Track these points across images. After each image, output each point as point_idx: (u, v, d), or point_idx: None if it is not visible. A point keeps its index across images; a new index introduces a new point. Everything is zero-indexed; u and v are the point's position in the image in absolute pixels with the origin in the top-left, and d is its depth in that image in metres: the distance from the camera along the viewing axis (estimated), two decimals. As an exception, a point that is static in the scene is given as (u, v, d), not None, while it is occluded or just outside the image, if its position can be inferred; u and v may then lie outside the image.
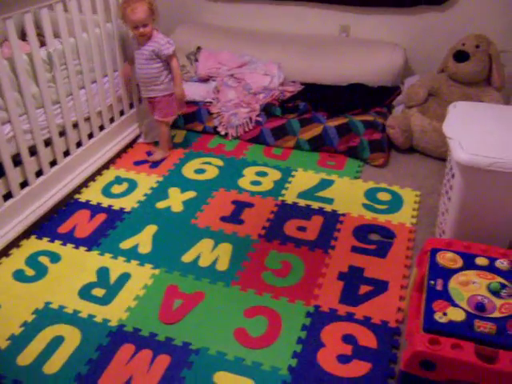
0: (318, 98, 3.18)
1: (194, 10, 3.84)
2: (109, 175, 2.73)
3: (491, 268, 1.60)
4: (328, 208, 2.49)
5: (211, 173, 2.76)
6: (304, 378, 1.69)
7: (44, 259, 2.17)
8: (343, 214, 2.44)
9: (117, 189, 2.63)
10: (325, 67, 3.38)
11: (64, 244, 2.25)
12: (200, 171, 2.77)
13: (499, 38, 3.00)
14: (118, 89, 2.82)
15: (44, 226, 2.36)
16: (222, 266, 2.14)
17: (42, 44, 2.34)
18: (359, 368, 1.72)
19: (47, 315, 1.91)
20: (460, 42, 2.89)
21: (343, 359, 1.74)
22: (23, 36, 2.71)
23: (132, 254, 2.20)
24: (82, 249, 2.23)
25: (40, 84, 2.24)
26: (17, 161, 2.22)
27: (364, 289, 2.03)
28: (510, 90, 2.87)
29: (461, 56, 2.82)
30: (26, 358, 1.75)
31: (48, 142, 2.39)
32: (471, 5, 3.21)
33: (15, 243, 2.23)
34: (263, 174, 2.75)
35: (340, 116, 2.98)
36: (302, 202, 2.53)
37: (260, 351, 1.78)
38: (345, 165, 2.83)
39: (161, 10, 3.81)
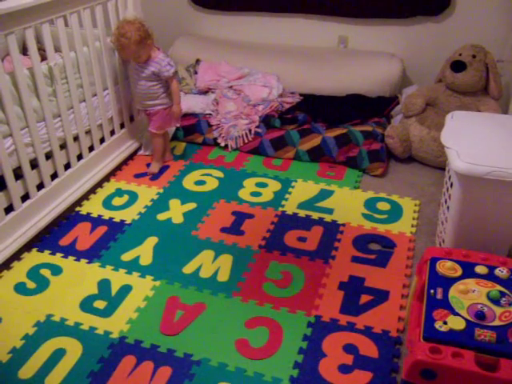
0: (316, 108, 3.21)
1: (193, 22, 3.87)
2: (109, 187, 2.75)
3: (491, 276, 1.61)
4: (328, 218, 2.49)
5: (211, 184, 2.77)
6: (306, 389, 1.69)
7: (45, 272, 2.18)
8: (343, 224, 2.45)
9: (118, 201, 2.64)
10: (323, 78, 3.41)
11: (65, 256, 2.26)
12: (200, 183, 2.78)
13: (495, 48, 3.03)
14: (118, 102, 2.83)
15: (45, 239, 2.36)
16: (223, 277, 2.15)
17: (43, 58, 2.36)
18: (361, 378, 1.72)
19: (49, 328, 1.91)
20: (457, 52, 2.92)
21: (345, 369, 1.74)
22: (24, 51, 2.74)
23: (133, 266, 2.20)
24: (84, 261, 2.24)
25: (41, 98, 2.26)
26: (18, 174, 2.23)
27: (365, 298, 2.03)
28: (507, 99, 2.89)
29: (458, 66, 2.84)
30: (27, 371, 1.75)
31: (49, 155, 2.41)
32: (467, 15, 3.24)
33: (16, 256, 2.24)
34: (263, 185, 2.76)
35: (339, 126, 3.00)
36: (302, 213, 2.54)
37: (261, 362, 1.78)
38: (344, 175, 2.85)
39: (159, 23, 3.87)
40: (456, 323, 1.45)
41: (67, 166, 2.53)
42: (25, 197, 2.29)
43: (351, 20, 3.49)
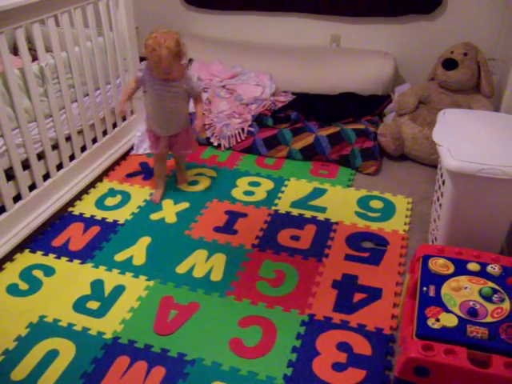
0: (309, 107, 3.21)
1: (185, 22, 3.87)
2: (102, 188, 2.74)
3: (483, 273, 1.61)
4: (321, 217, 2.50)
5: (204, 184, 2.76)
6: (299, 387, 1.69)
7: (38, 273, 2.17)
8: (336, 223, 2.45)
9: (110, 201, 2.63)
10: (316, 77, 3.41)
11: (58, 257, 2.25)
12: (193, 182, 2.77)
13: (487, 46, 3.05)
14: (110, 102, 2.83)
15: (38, 240, 2.35)
16: (217, 276, 2.14)
17: (34, 58, 2.35)
18: (354, 376, 1.72)
19: (41, 329, 1.90)
20: (449, 51, 2.93)
21: (338, 367, 1.75)
22: (15, 51, 2.72)
23: (126, 266, 2.20)
24: (76, 262, 2.23)
25: (32, 98, 2.25)
26: (10, 175, 2.22)
27: (358, 296, 2.03)
28: (498, 96, 2.90)
29: (449, 64, 2.85)
30: (20, 372, 1.74)
31: (41, 156, 2.39)
32: (459, 14, 3.25)
33: (9, 257, 2.23)
34: (256, 184, 2.76)
35: (332, 125, 3.01)
36: (295, 211, 2.54)
37: (255, 361, 1.78)
38: (337, 173, 2.85)
39: (151, 23, 3.85)
40: (448, 320, 1.46)
41: (59, 167, 2.52)
42: (17, 197, 2.28)
43: (344, 19, 3.50)
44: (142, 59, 2.65)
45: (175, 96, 2.43)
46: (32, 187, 2.36)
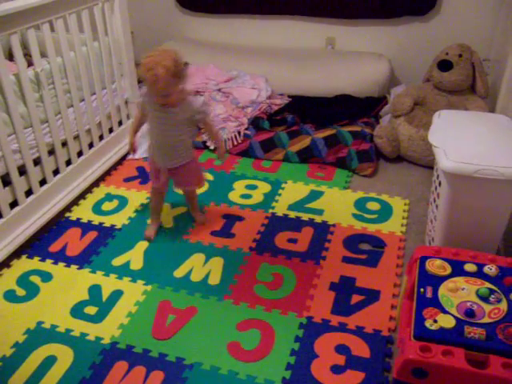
0: (305, 110, 3.22)
1: (181, 26, 3.88)
2: (99, 193, 2.74)
3: (480, 274, 1.62)
4: (318, 219, 2.50)
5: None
6: (298, 390, 1.69)
7: (35, 278, 2.16)
8: (333, 225, 2.46)
9: (107, 206, 2.63)
10: (312, 79, 3.42)
11: (55, 263, 2.25)
12: (190, 186, 2.77)
13: (481, 47, 3.06)
14: (106, 106, 2.83)
15: (35, 245, 2.35)
16: (214, 280, 2.14)
17: (30, 64, 2.35)
18: (353, 378, 1.72)
19: (39, 335, 1.90)
20: (443, 52, 2.93)
21: (337, 369, 1.75)
22: (10, 56, 2.72)
23: (124, 271, 2.20)
24: (74, 267, 2.22)
25: (28, 104, 2.24)
26: (6, 181, 2.22)
27: (356, 298, 2.03)
28: (493, 97, 2.91)
29: (444, 65, 2.86)
30: (18, 379, 1.73)
31: (37, 161, 2.39)
32: (453, 15, 3.27)
33: (6, 263, 2.22)
34: (253, 187, 2.76)
35: (328, 127, 3.01)
36: (293, 214, 2.54)
37: (254, 364, 1.77)
38: (334, 176, 2.86)
39: (147, 28, 3.87)
40: (446, 321, 1.46)
41: (56, 172, 2.52)
42: (14, 203, 2.27)
43: (338, 21, 3.51)
44: (137, 64, 2.63)
45: (176, 124, 2.16)
46: (28, 193, 2.36)
